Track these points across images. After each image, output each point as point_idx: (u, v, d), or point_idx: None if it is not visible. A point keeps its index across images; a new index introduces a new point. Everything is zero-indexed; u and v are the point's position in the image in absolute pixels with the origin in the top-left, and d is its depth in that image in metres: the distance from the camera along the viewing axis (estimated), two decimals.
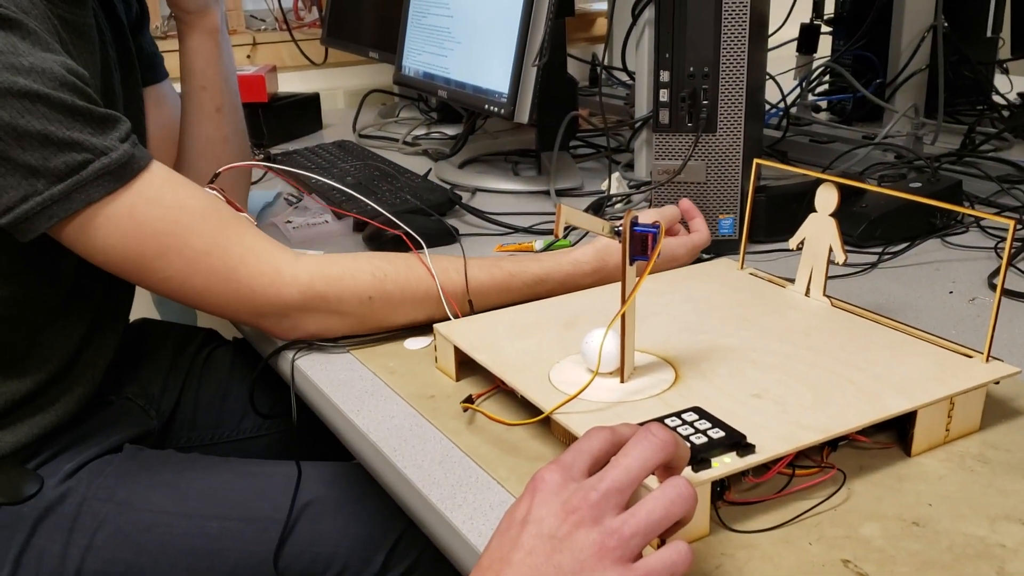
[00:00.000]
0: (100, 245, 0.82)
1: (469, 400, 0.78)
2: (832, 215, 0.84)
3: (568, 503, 0.53)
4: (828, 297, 0.86)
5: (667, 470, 0.57)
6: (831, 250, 0.85)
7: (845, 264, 0.86)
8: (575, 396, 0.69)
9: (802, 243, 0.87)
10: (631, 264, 0.70)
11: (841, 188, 0.83)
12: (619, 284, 0.72)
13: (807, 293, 0.87)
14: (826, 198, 0.84)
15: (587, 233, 0.99)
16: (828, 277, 0.86)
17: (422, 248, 0.92)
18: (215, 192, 0.89)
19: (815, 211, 0.85)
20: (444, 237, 1.17)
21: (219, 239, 0.84)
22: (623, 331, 0.72)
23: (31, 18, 0.80)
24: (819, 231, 0.85)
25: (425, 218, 1.17)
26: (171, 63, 1.20)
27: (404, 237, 0.94)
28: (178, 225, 0.83)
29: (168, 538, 0.92)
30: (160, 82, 1.18)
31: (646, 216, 1.01)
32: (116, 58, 1.03)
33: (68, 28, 0.89)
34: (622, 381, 0.73)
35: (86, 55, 0.92)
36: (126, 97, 1.04)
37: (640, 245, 0.70)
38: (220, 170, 0.96)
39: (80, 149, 0.78)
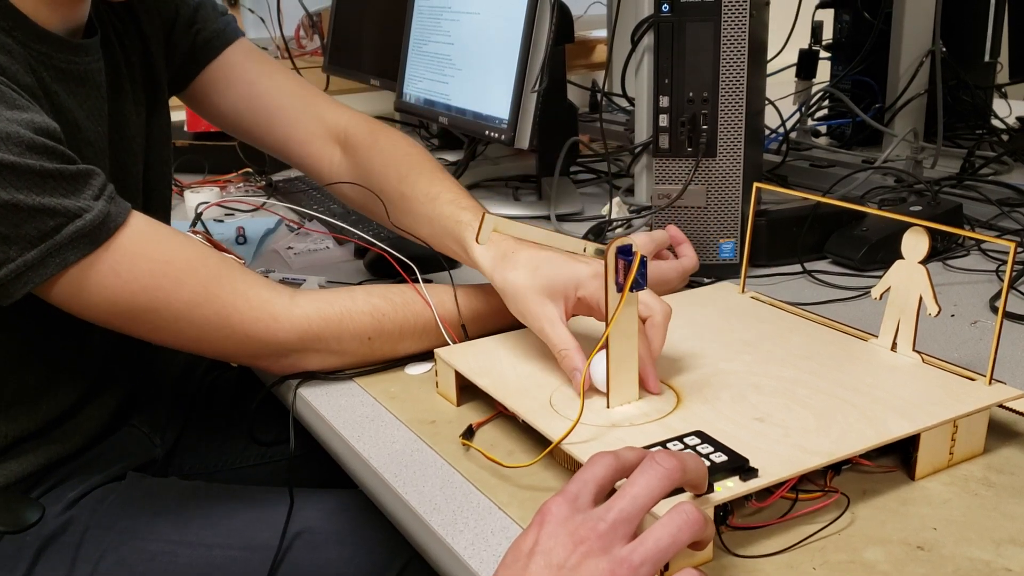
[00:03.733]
0: (87, 303, 0.81)
1: (468, 433, 0.78)
2: (922, 262, 0.76)
3: (576, 533, 0.53)
4: (918, 353, 0.78)
5: (690, 488, 0.57)
6: (921, 301, 0.76)
7: (937, 316, 0.75)
8: (575, 425, 0.69)
9: (886, 292, 0.79)
10: (619, 291, 0.71)
11: (929, 231, 0.75)
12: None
13: (893, 347, 0.79)
14: (914, 244, 0.76)
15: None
16: (916, 329, 0.77)
17: (416, 277, 0.92)
18: (198, 236, 0.88)
19: (902, 258, 0.77)
20: (444, 262, 1.17)
21: (210, 288, 0.83)
22: (608, 356, 0.72)
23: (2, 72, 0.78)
24: (907, 280, 0.77)
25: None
26: None
27: (398, 267, 0.95)
28: (166, 279, 0.82)
29: (172, 567, 0.91)
30: (220, 54, 1.09)
31: (637, 240, 1.02)
32: (142, 80, 1.02)
33: (63, 77, 0.88)
34: (608, 407, 0.73)
35: (89, 102, 0.91)
36: (149, 122, 1.03)
37: (626, 272, 0.70)
38: (201, 210, 0.95)
39: (52, 214, 0.76)
